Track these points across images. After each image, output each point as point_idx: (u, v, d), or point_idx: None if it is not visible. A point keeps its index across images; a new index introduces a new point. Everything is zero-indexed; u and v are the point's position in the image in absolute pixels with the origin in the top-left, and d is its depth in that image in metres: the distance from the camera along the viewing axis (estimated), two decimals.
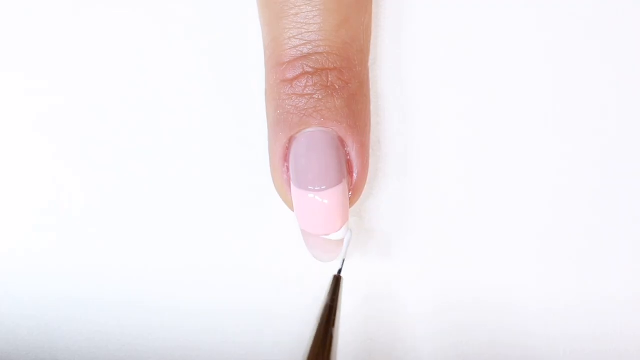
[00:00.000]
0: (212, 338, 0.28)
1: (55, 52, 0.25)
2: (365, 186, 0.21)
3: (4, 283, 0.28)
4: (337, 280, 0.22)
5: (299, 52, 0.19)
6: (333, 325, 0.21)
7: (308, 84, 0.19)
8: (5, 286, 0.28)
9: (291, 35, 0.19)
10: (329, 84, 0.19)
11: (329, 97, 0.19)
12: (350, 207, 0.21)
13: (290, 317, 0.27)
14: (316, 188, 0.19)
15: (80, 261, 0.27)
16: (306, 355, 0.20)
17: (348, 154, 0.20)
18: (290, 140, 0.20)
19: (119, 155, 0.25)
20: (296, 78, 0.19)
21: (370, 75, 0.22)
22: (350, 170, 0.20)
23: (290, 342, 0.27)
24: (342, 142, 0.20)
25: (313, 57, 0.19)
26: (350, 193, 0.20)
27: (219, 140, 0.25)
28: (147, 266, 0.27)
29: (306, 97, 0.19)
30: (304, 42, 0.19)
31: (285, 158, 0.20)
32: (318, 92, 0.19)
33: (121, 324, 0.28)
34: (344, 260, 0.22)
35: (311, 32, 0.18)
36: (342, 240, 0.21)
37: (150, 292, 0.27)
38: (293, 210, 0.21)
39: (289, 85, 0.19)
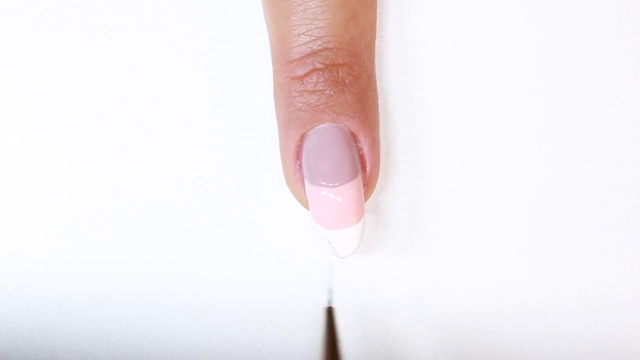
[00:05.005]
0: (212, 338, 0.27)
1: (56, 52, 0.24)
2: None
3: (4, 283, 0.28)
4: (329, 312, 0.22)
5: (308, 49, 0.18)
6: (337, 357, 0.20)
7: (319, 80, 0.18)
8: (5, 286, 0.28)
9: (300, 32, 0.18)
10: (339, 80, 0.18)
11: (340, 93, 0.18)
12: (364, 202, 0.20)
13: (290, 316, 0.26)
14: (331, 184, 0.19)
15: (80, 261, 0.26)
16: None
17: (360, 149, 0.19)
18: (303, 138, 0.19)
19: (120, 155, 0.25)
20: (307, 75, 0.18)
21: (376, 70, 0.21)
22: (363, 165, 0.20)
23: (290, 342, 0.27)
24: (354, 137, 0.19)
25: (323, 53, 0.18)
26: (364, 188, 0.20)
27: (220, 141, 0.24)
28: (147, 266, 0.26)
29: (317, 93, 0.18)
30: (314, 38, 0.18)
31: (298, 156, 0.20)
32: (329, 88, 0.18)
33: (121, 323, 0.28)
34: (330, 291, 0.22)
35: (320, 27, 0.18)
36: (360, 234, 0.20)
37: (150, 293, 0.27)
38: (307, 208, 0.20)
39: (300, 83, 0.18)
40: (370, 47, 0.19)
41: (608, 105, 0.22)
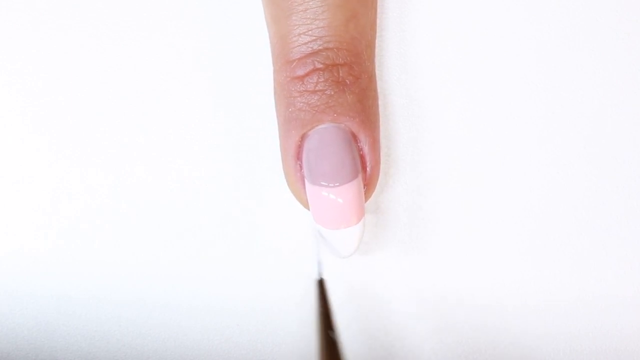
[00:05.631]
0: (212, 338, 0.27)
1: (55, 52, 0.24)
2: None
3: (4, 283, 0.28)
4: (321, 284, 0.21)
5: (309, 49, 0.18)
6: (331, 329, 0.20)
7: (319, 80, 0.18)
8: (5, 286, 0.28)
9: (300, 32, 0.18)
10: (340, 80, 0.18)
11: (340, 93, 0.18)
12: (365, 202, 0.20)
13: (290, 316, 0.26)
14: (331, 184, 0.18)
15: (80, 261, 0.26)
16: None
17: (361, 149, 0.19)
18: (303, 138, 0.19)
19: (120, 155, 0.24)
20: (307, 75, 0.18)
21: (376, 70, 0.21)
22: (364, 165, 0.20)
23: (290, 342, 0.27)
24: (354, 137, 0.19)
25: (323, 53, 0.18)
26: (365, 188, 0.20)
27: (220, 141, 0.24)
28: (147, 266, 0.26)
29: (318, 93, 0.18)
30: (314, 38, 0.18)
31: (298, 156, 0.19)
32: (329, 88, 0.18)
33: (121, 323, 0.28)
34: (319, 263, 0.22)
35: (320, 27, 0.18)
36: (360, 234, 0.20)
37: (149, 293, 0.27)
38: (307, 208, 0.20)
39: (300, 83, 0.18)
40: (370, 46, 0.19)
41: (608, 105, 0.22)
